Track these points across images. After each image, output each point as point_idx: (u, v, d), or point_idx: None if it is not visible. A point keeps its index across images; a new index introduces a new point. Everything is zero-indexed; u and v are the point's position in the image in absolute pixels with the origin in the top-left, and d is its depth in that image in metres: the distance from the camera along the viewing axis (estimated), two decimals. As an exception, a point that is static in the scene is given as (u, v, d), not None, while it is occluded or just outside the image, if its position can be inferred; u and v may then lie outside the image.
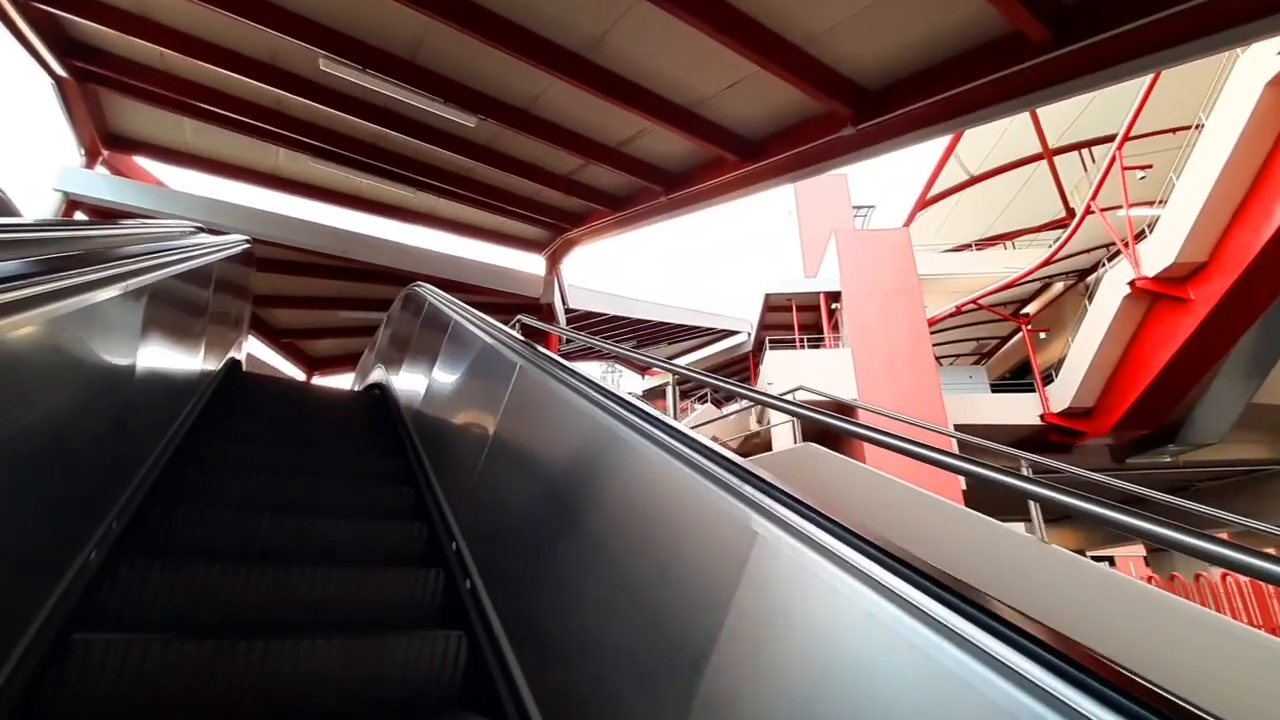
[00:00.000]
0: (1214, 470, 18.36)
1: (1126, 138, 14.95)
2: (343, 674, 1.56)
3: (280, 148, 7.95)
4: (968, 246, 22.96)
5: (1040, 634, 0.69)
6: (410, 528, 2.45)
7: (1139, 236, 14.57)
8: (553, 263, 10.04)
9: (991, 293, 18.42)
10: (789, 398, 4.08)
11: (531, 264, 10.28)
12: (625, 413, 1.50)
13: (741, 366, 20.75)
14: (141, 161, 9.20)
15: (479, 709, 1.61)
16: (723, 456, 1.19)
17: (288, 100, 6.97)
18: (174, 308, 2.44)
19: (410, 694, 1.63)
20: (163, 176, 9.88)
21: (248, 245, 4.78)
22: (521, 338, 2.63)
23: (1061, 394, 16.57)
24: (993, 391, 18.90)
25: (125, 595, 1.58)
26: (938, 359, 16.39)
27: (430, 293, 4.23)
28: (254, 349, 11.88)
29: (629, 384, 24.42)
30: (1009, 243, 23.64)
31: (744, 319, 19.87)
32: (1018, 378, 21.70)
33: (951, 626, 0.73)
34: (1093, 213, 15.69)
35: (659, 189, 6.83)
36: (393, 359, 5.08)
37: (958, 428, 15.47)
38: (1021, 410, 17.36)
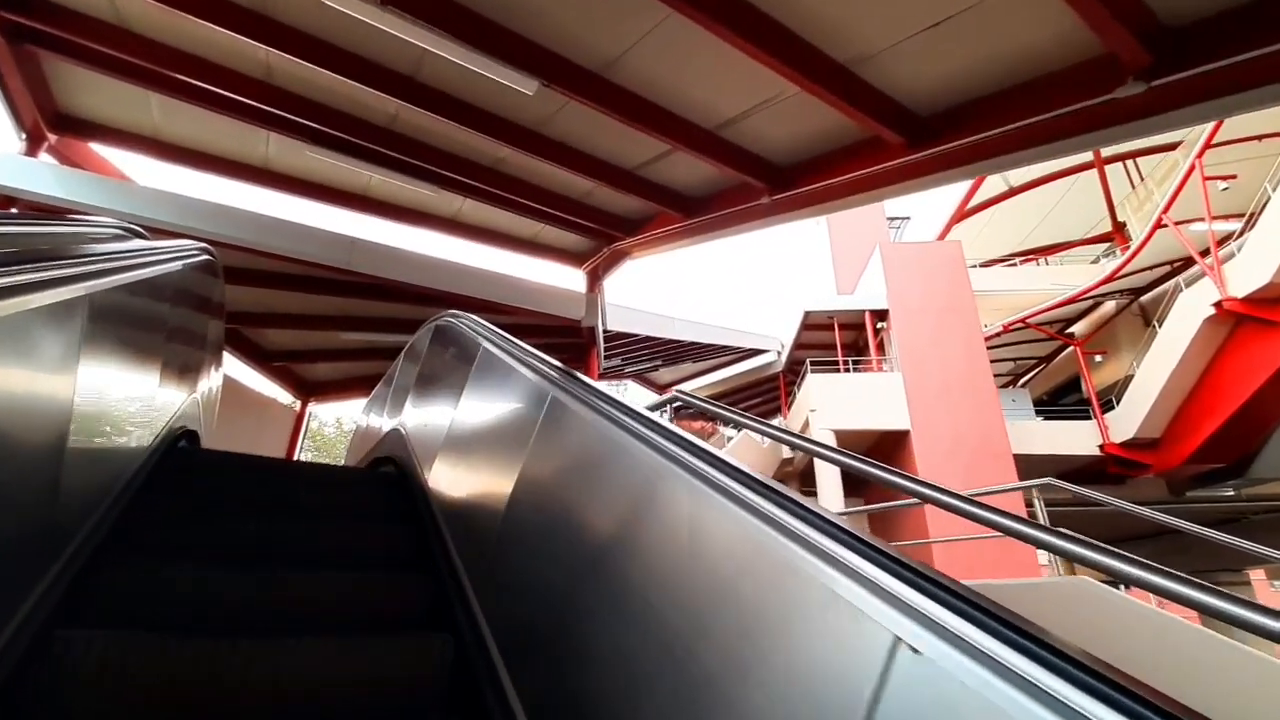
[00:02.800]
0: (1268, 504, 16.88)
1: (1209, 145, 13.45)
2: None
3: (270, 132, 6.24)
4: (1001, 261, 21.47)
5: None
6: None
7: (1219, 253, 13.07)
8: (594, 278, 8.36)
9: (1042, 311, 16.88)
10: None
11: (567, 279, 8.60)
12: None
13: (770, 387, 19.09)
14: (102, 151, 7.47)
15: None
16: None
17: (279, 65, 5.27)
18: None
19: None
20: (132, 172, 8.15)
21: (205, 257, 3.06)
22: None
23: (1124, 423, 14.98)
24: (1039, 416, 17.24)
25: None
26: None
27: (502, 342, 2.54)
28: (240, 373, 10.10)
29: (636, 397, 22.62)
30: (1043, 258, 22.15)
31: (772, 337, 18.24)
32: (1055, 400, 20.15)
33: None
34: (1164, 226, 14.19)
35: (761, 186, 5.17)
36: (425, 435, 3.36)
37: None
38: (1076, 439, 15.76)
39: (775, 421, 20.50)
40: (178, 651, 1.28)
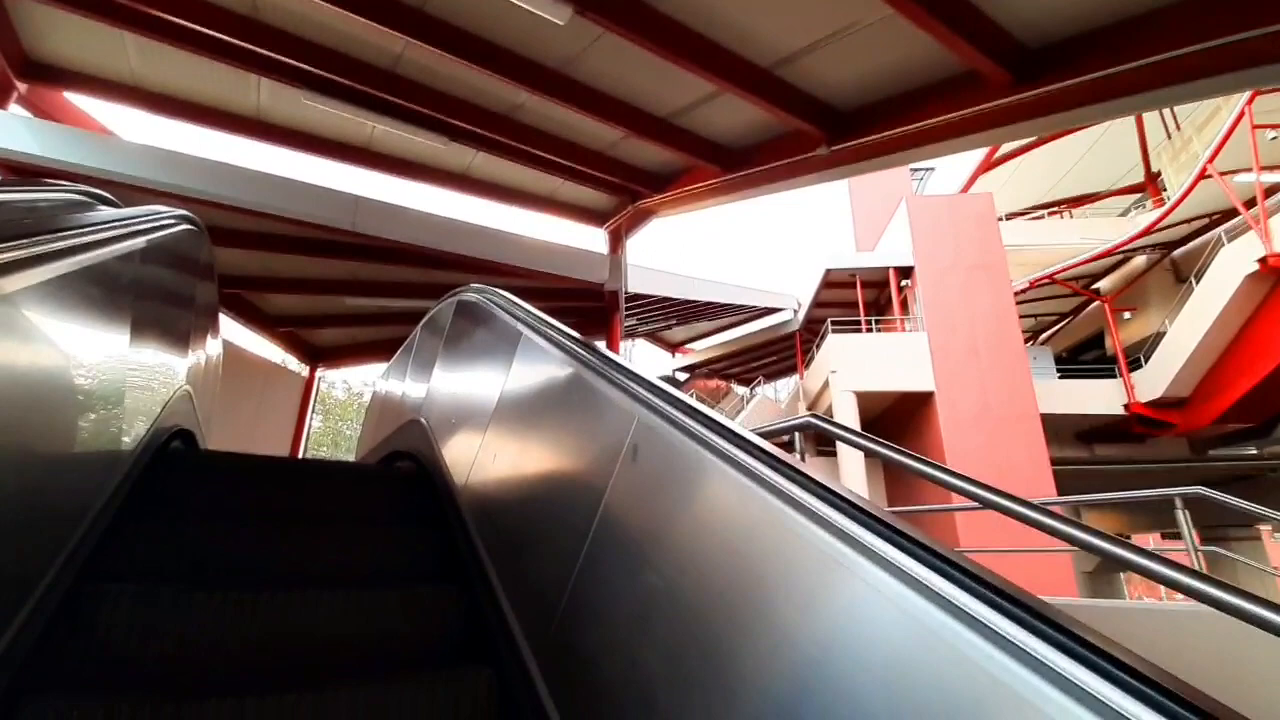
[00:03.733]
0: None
1: (1258, 91, 12.47)
2: None
3: (261, 77, 5.56)
4: (1024, 214, 20.56)
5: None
6: None
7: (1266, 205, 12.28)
8: (615, 238, 7.73)
9: (1071, 267, 16.17)
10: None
11: (586, 239, 7.98)
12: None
13: (785, 346, 18.56)
14: (79, 101, 6.79)
15: None
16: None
17: (266, 0, 4.58)
18: None
19: None
20: (117, 126, 7.47)
21: (185, 227, 2.52)
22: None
23: (1152, 382, 14.48)
24: (1060, 376, 16.71)
25: None
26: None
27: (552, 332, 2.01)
28: (246, 340, 9.61)
29: (648, 361, 22.10)
30: (1068, 211, 21.17)
31: (788, 295, 17.60)
32: (1074, 357, 19.58)
33: None
34: (1209, 177, 13.33)
35: (818, 134, 4.51)
36: (446, 425, 2.86)
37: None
38: (1099, 398, 15.28)
39: (792, 381, 20.07)
40: None
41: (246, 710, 1.14)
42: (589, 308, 8.53)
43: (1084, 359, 19.05)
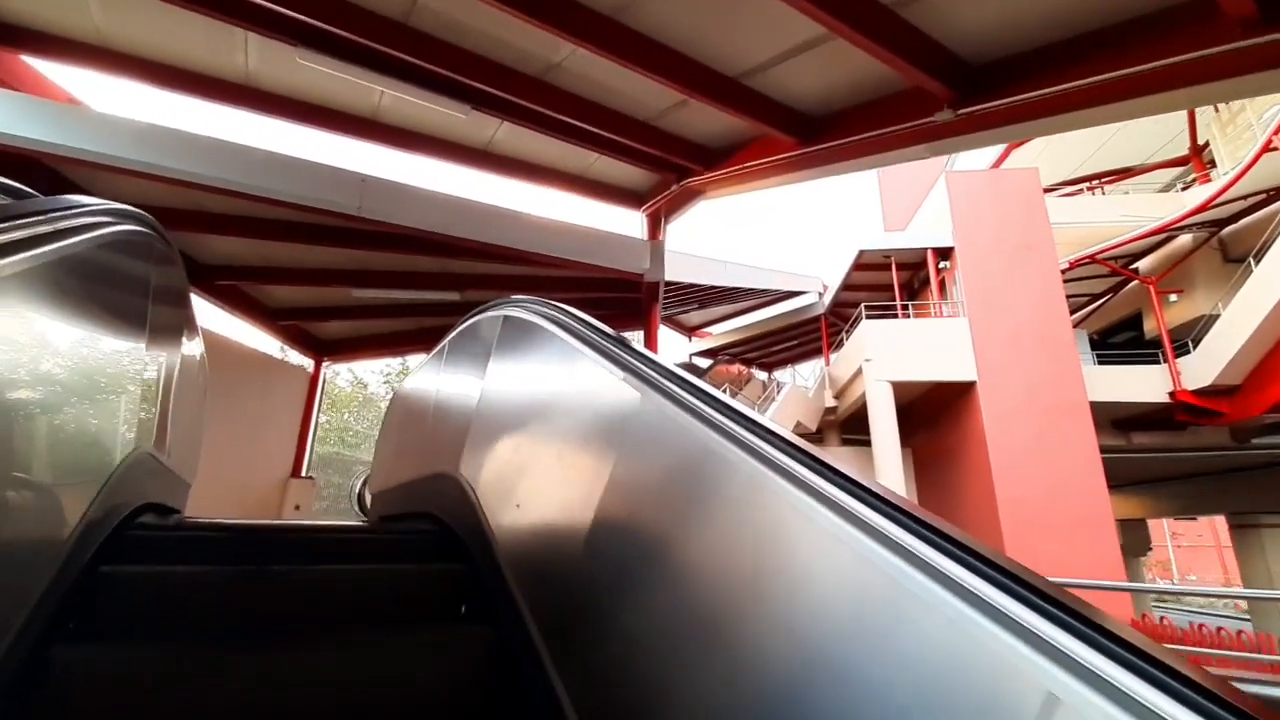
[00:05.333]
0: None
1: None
2: None
3: (247, 31, 4.60)
4: (1056, 189, 19.44)
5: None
6: None
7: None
8: (654, 222, 6.80)
9: (1115, 246, 15.16)
10: None
11: (621, 222, 7.06)
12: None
13: (808, 331, 17.66)
14: (41, 67, 5.83)
15: None
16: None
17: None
18: None
19: None
20: (86, 94, 6.51)
21: (130, 228, 1.65)
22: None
23: (1200, 368, 13.57)
24: (1097, 361, 15.77)
25: None
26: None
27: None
28: (245, 334, 8.75)
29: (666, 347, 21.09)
30: (1101, 187, 20.03)
31: (813, 277, 16.65)
32: (1105, 341, 18.64)
33: None
34: (1275, 149, 12.27)
35: (944, 91, 3.53)
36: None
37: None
38: (1140, 385, 14.36)
39: (814, 366, 19.19)
40: None
41: None
42: (621, 299, 7.64)
43: (1113, 342, 18.15)
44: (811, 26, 3.45)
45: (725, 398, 1.16)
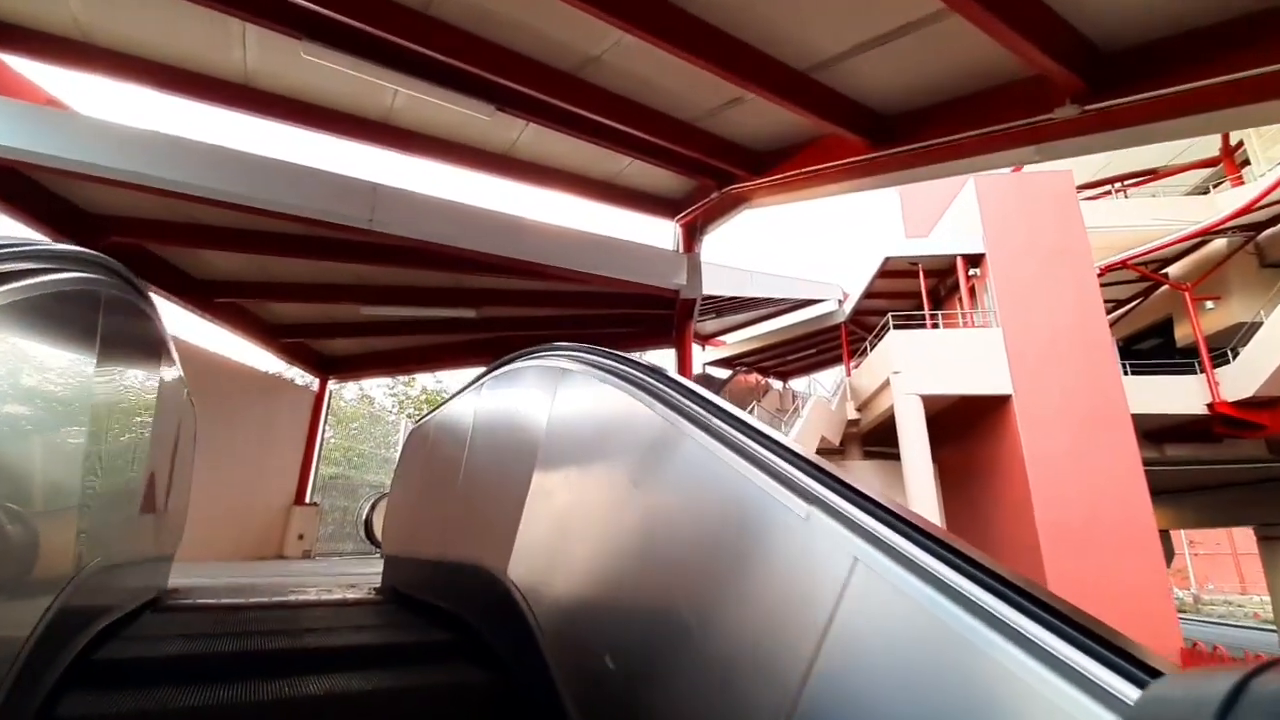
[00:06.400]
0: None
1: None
2: None
3: (246, 22, 4.03)
4: (1079, 191, 18.83)
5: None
6: None
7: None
8: (689, 233, 6.21)
9: (1149, 252, 14.57)
10: None
11: (651, 233, 6.47)
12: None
13: (828, 338, 17.07)
14: (21, 66, 5.27)
15: None
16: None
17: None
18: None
19: None
20: (73, 98, 5.95)
21: (72, 275, 1.08)
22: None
23: (1243, 379, 12.95)
24: (1130, 371, 15.13)
25: None
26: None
27: None
28: (245, 353, 8.18)
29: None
30: (1125, 190, 19.43)
31: (831, 284, 16.08)
32: (1128, 349, 17.99)
33: None
34: (1322, 150, 11.67)
35: (1072, 80, 2.91)
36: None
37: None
38: (1175, 396, 13.71)
39: (830, 375, 18.60)
40: None
41: None
42: (647, 315, 7.05)
43: (1139, 349, 17.55)
44: (918, 6, 2.87)
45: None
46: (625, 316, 7.12)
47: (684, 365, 6.28)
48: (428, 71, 4.31)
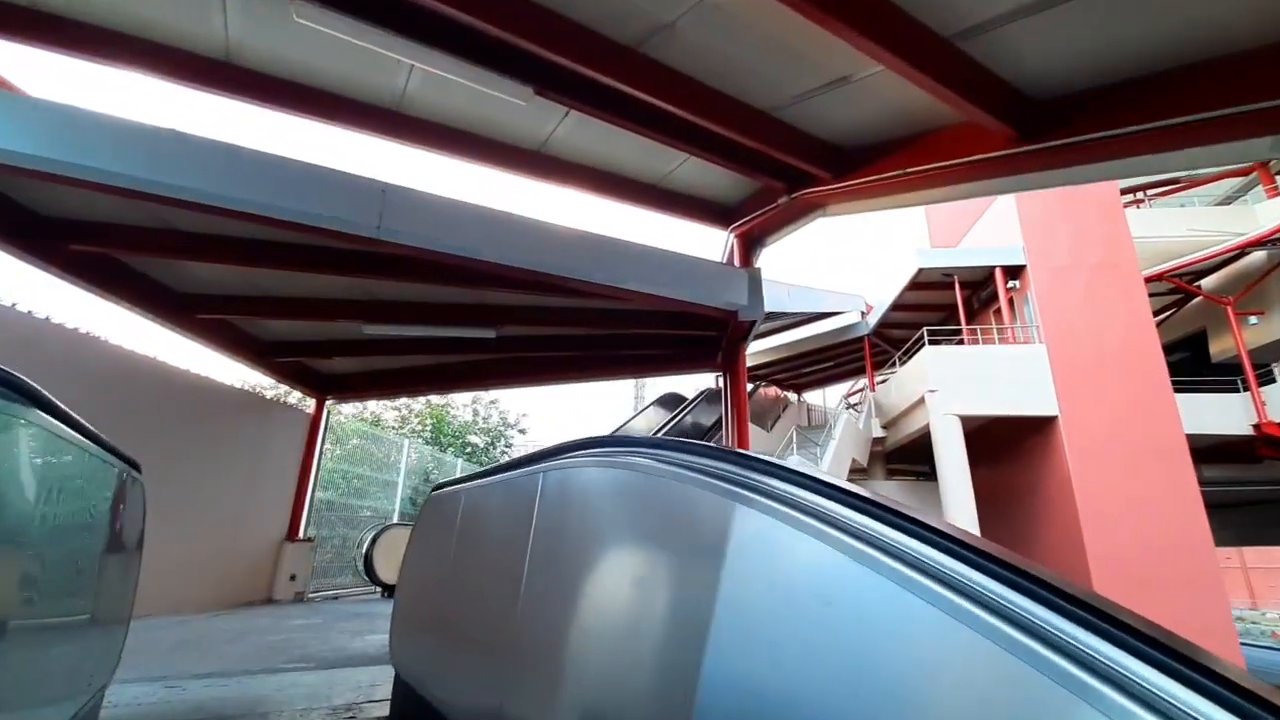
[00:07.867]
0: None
1: None
2: None
3: (223, -27, 3.15)
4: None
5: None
6: None
7: None
8: (746, 244, 5.34)
9: (1189, 264, 13.80)
10: None
11: (699, 243, 5.58)
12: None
13: (849, 352, 16.23)
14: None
15: None
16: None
17: None
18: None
19: None
20: (23, 78, 5.03)
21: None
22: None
23: (1291, 399, 12.20)
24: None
25: None
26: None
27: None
28: (235, 375, 7.23)
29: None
30: (1149, 200, 18.70)
31: (854, 295, 15.27)
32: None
33: None
34: (1385, 158, 10.92)
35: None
36: None
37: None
38: (1216, 416, 12.88)
39: (860, 387, 17.71)
40: None
41: None
42: (691, 337, 6.17)
43: (1169, 363, 16.78)
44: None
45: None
46: (663, 337, 6.24)
47: (738, 395, 5.39)
48: (454, 44, 3.43)
